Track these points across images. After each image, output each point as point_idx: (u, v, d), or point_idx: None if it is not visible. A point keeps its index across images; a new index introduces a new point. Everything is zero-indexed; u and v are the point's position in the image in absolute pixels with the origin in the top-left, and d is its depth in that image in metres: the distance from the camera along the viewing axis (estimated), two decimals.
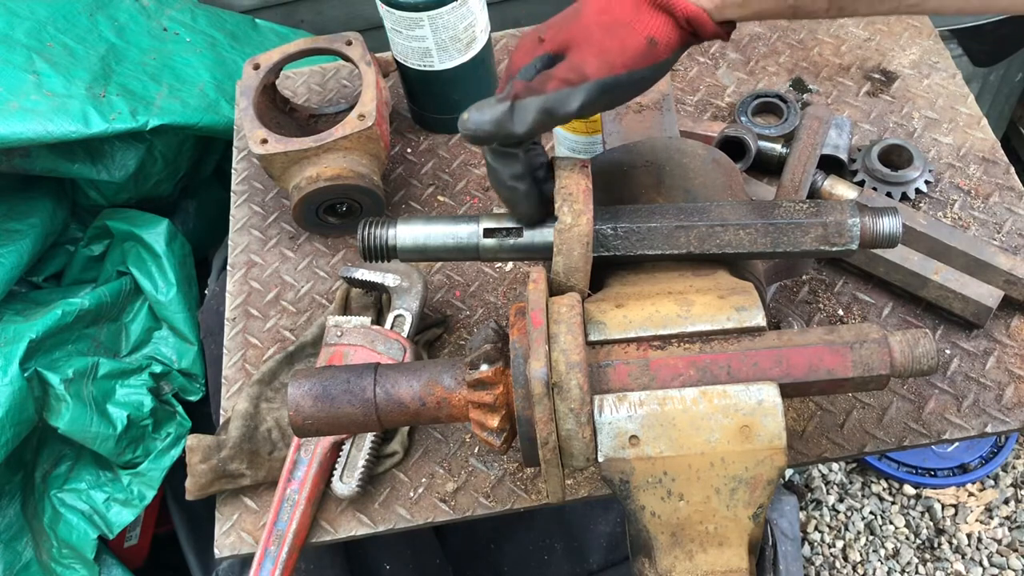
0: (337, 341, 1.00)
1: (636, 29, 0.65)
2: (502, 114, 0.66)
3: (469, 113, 0.67)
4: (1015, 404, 0.95)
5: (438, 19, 1.10)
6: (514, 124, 0.66)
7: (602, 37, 0.65)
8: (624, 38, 0.65)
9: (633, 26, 0.65)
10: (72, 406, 1.36)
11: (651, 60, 0.66)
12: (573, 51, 0.66)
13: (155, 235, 1.52)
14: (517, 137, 0.67)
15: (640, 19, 0.65)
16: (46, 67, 1.42)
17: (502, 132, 0.66)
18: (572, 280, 0.72)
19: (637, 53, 0.65)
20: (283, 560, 0.91)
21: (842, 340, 0.67)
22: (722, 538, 0.65)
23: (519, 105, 0.66)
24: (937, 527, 1.87)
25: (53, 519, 1.42)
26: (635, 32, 0.65)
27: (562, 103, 0.66)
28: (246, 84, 1.15)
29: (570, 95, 0.65)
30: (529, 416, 0.65)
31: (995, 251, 1.00)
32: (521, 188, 0.71)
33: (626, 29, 0.65)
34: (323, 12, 1.96)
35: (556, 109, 0.66)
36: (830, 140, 1.12)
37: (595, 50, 0.65)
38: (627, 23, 0.65)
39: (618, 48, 0.65)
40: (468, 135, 0.67)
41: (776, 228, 0.74)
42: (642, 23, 0.65)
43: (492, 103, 0.66)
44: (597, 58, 0.65)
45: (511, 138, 0.67)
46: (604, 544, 1.36)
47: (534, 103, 0.66)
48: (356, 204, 1.14)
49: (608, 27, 0.65)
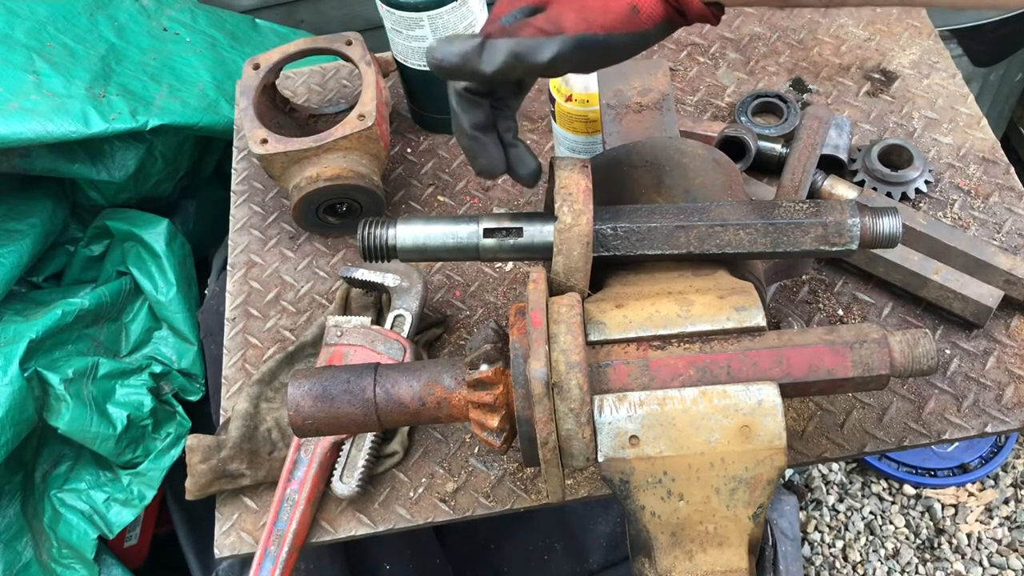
0: (337, 341, 1.00)
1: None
2: (471, 49, 0.65)
3: (438, 43, 0.66)
4: (1015, 404, 0.95)
5: (438, 19, 1.10)
6: (482, 62, 0.65)
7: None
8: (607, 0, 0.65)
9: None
10: (72, 406, 1.36)
11: (632, 27, 0.65)
12: (554, 4, 0.66)
13: (155, 235, 1.52)
14: (483, 76, 0.66)
15: None
16: (46, 67, 1.42)
17: (468, 67, 0.65)
18: (572, 280, 0.72)
19: (618, 17, 0.65)
20: (283, 560, 0.91)
21: (842, 340, 0.67)
22: (722, 538, 0.65)
23: (490, 44, 0.65)
24: (937, 527, 1.87)
25: (53, 519, 1.42)
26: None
27: (534, 50, 0.65)
28: (246, 84, 1.15)
29: (543, 44, 0.65)
30: (529, 416, 0.65)
31: (995, 251, 1.00)
32: (482, 138, 0.71)
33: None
34: (323, 12, 1.96)
35: (527, 55, 0.65)
36: (830, 140, 1.12)
37: (576, 5, 0.65)
38: None
39: (600, 8, 0.65)
40: (433, 65, 0.66)
41: (776, 228, 0.74)
42: None
43: (464, 37, 0.65)
44: (576, 14, 0.65)
45: (476, 76, 0.66)
46: (604, 544, 1.36)
47: (505, 44, 0.65)
48: (356, 204, 1.14)
49: None
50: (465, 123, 0.70)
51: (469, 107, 0.70)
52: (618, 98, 1.01)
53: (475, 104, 0.70)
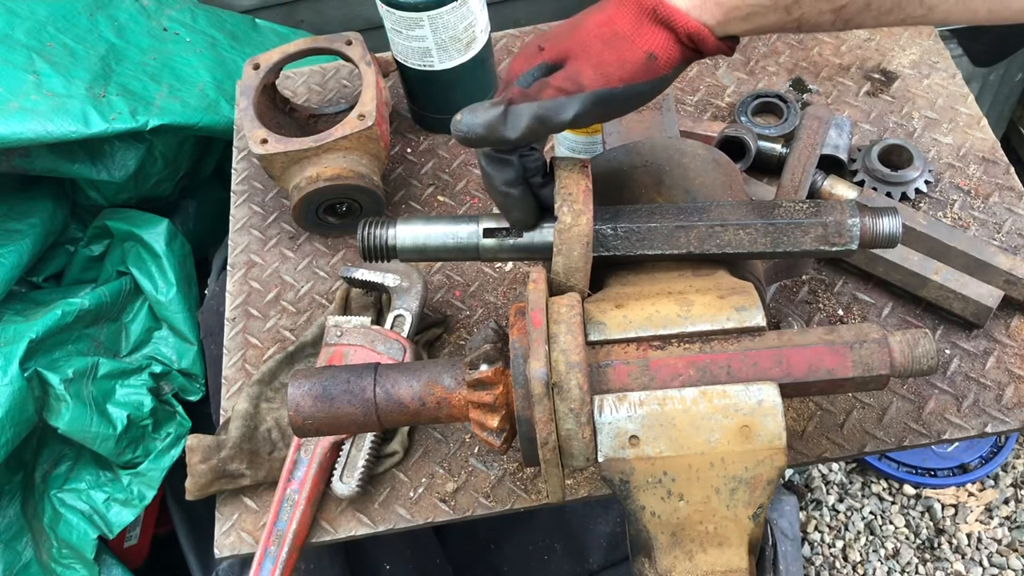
0: (337, 341, 1.00)
1: (636, 43, 0.65)
2: (495, 118, 0.65)
3: (462, 114, 0.66)
4: (1015, 404, 0.95)
5: (438, 19, 1.10)
6: (506, 129, 0.66)
7: (601, 49, 0.65)
8: (623, 51, 0.65)
9: (633, 40, 0.65)
10: (72, 406, 1.36)
11: (650, 75, 0.66)
12: (571, 61, 0.66)
13: (155, 235, 1.52)
14: (509, 143, 0.67)
15: (641, 33, 0.65)
16: (46, 67, 1.42)
17: (493, 136, 0.66)
18: (572, 280, 0.72)
19: (636, 67, 0.65)
20: (283, 560, 0.91)
21: (842, 340, 0.67)
22: (722, 538, 0.65)
23: (513, 111, 0.65)
24: (937, 527, 1.87)
25: (53, 519, 1.42)
26: (635, 46, 0.65)
27: (556, 112, 0.65)
28: (246, 84, 1.15)
29: (565, 104, 0.65)
30: (529, 416, 0.65)
31: (995, 251, 1.00)
32: (514, 193, 0.71)
33: (626, 42, 0.65)
34: (323, 12, 1.96)
35: (550, 117, 0.65)
36: (830, 140, 1.12)
37: (593, 61, 0.65)
38: (627, 36, 0.65)
39: (616, 61, 0.65)
40: (459, 137, 0.67)
41: (776, 228, 0.74)
42: (642, 37, 0.65)
43: (486, 106, 0.66)
44: (594, 69, 0.65)
45: (503, 143, 0.67)
46: (604, 544, 1.36)
47: (528, 109, 0.65)
48: (356, 204, 1.14)
49: (608, 40, 0.65)
50: (497, 182, 0.71)
51: (498, 167, 0.70)
52: None
53: (504, 162, 0.70)
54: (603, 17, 0.66)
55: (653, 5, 0.64)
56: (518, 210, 0.73)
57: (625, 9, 0.65)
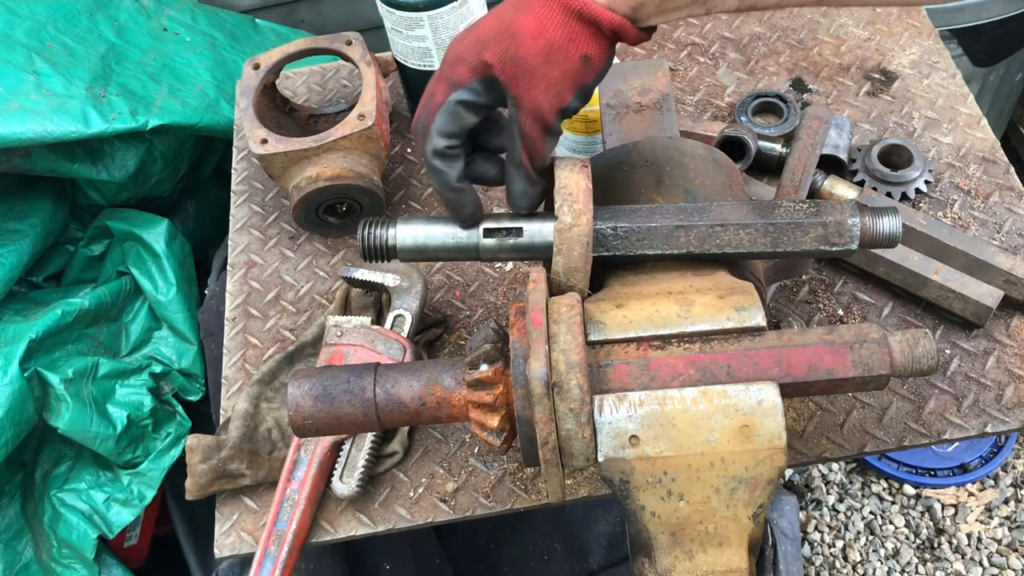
0: (337, 341, 1.00)
1: (571, 50, 0.69)
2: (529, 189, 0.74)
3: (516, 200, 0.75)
4: (1015, 404, 0.95)
5: (438, 19, 1.10)
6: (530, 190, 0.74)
7: (545, 68, 0.69)
8: (563, 63, 0.69)
9: (567, 48, 0.69)
10: (72, 406, 1.36)
11: (590, 75, 0.71)
12: (523, 89, 0.69)
13: (155, 235, 1.52)
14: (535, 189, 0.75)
15: (572, 38, 0.68)
16: (46, 67, 1.42)
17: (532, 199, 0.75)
18: (572, 280, 0.72)
19: (576, 73, 0.70)
20: (283, 560, 0.91)
21: (842, 340, 0.67)
22: (722, 538, 0.65)
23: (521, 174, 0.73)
24: (937, 527, 1.87)
25: (53, 519, 1.42)
26: (571, 54, 0.69)
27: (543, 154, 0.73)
28: (246, 84, 1.15)
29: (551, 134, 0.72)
30: (529, 416, 0.65)
31: (995, 251, 1.00)
32: (466, 188, 0.74)
33: (562, 53, 0.69)
34: (323, 12, 1.96)
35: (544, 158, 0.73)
36: (830, 140, 1.12)
37: (542, 85, 0.69)
38: (562, 45, 0.68)
39: (560, 75, 0.69)
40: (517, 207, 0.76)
41: (776, 228, 0.74)
42: (574, 43, 0.69)
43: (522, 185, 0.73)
44: (546, 93, 0.69)
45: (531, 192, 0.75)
46: (604, 544, 1.36)
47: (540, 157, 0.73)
48: (356, 204, 1.14)
49: (547, 54, 0.68)
50: (451, 178, 0.73)
51: (451, 162, 0.73)
52: (618, 98, 1.01)
53: (457, 158, 0.73)
54: (534, 25, 0.68)
55: (578, 7, 0.68)
56: (471, 204, 0.75)
57: (552, 12, 0.68)
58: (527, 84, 0.69)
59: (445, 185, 0.73)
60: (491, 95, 0.71)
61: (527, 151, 0.72)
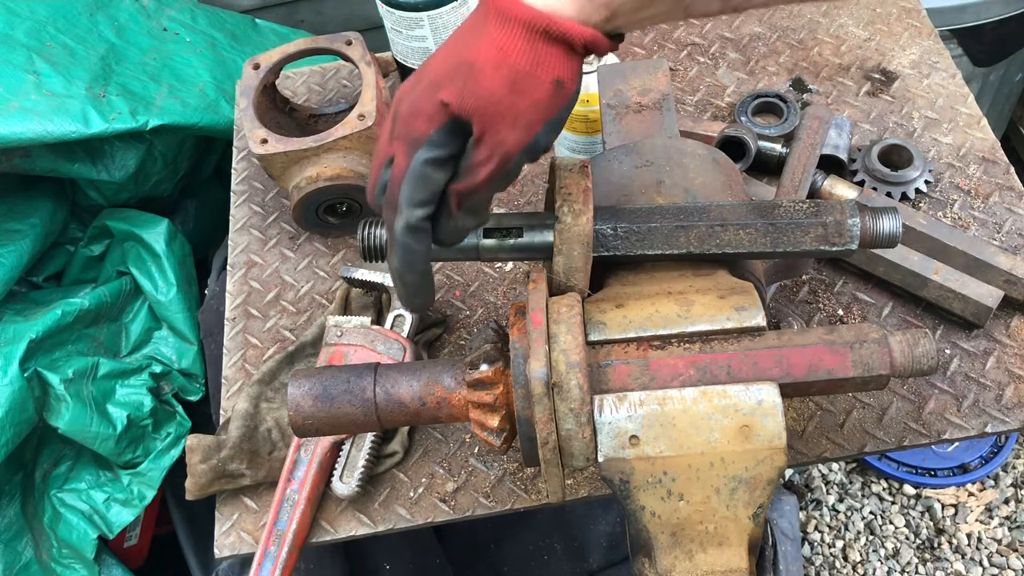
0: (337, 341, 1.00)
1: (540, 76, 0.60)
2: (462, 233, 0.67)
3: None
4: (1015, 404, 0.95)
5: (438, 19, 1.10)
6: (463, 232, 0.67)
7: (512, 99, 0.60)
8: (532, 92, 0.60)
9: (536, 74, 0.60)
10: (72, 406, 1.36)
11: (562, 100, 0.62)
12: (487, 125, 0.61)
13: (155, 235, 1.52)
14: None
15: (540, 62, 0.59)
16: (46, 67, 1.42)
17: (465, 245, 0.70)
18: (572, 280, 0.72)
19: (548, 101, 0.61)
20: (283, 560, 0.91)
21: (842, 340, 0.67)
22: (722, 538, 0.65)
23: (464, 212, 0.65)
24: (937, 527, 1.87)
25: (53, 519, 1.42)
26: (540, 80, 0.60)
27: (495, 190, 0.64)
28: (246, 84, 1.15)
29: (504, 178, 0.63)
30: (529, 416, 0.65)
31: (995, 251, 1.00)
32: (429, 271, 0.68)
33: (530, 80, 0.60)
34: (323, 12, 1.96)
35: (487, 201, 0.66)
36: (830, 140, 1.12)
37: (509, 118, 0.60)
38: (529, 72, 0.59)
39: (530, 105, 0.60)
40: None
41: (776, 228, 0.74)
42: (543, 67, 0.60)
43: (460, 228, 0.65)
44: (513, 127, 0.60)
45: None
46: (604, 544, 1.36)
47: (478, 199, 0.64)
48: (356, 204, 1.14)
49: (512, 83, 0.59)
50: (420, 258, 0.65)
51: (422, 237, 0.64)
52: (618, 98, 1.01)
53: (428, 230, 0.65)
54: (495, 52, 0.59)
55: (544, 25, 0.59)
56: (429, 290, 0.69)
57: (513, 35, 0.59)
58: (491, 119, 0.60)
59: (410, 267, 0.66)
60: (457, 141, 0.62)
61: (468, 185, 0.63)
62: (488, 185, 0.63)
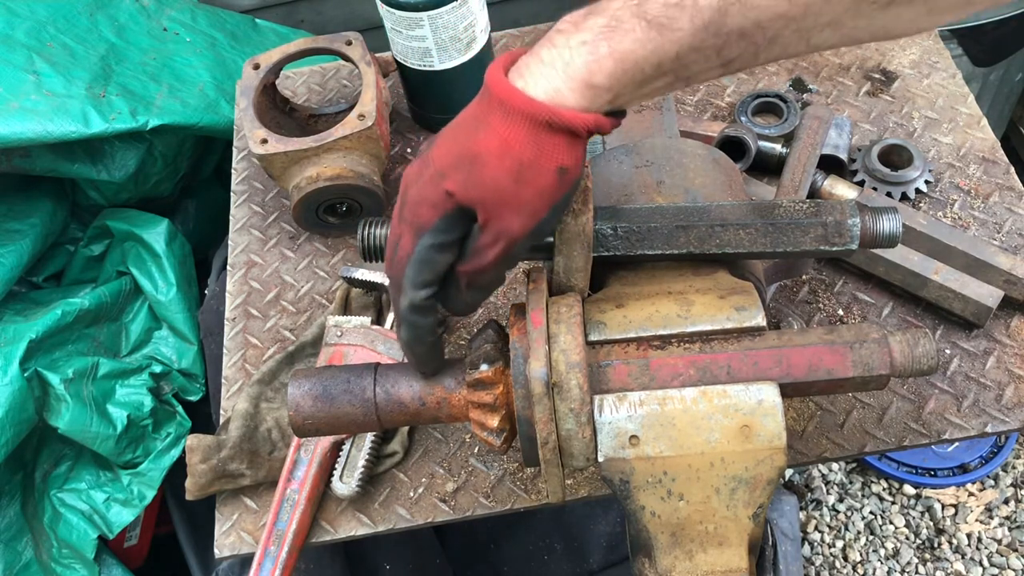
0: (337, 341, 1.00)
1: (544, 165, 0.60)
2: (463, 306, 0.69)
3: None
4: (1015, 404, 0.95)
5: (438, 19, 1.10)
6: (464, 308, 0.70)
7: (516, 189, 0.61)
8: (537, 181, 0.61)
9: (540, 164, 0.60)
10: (72, 406, 1.36)
11: (567, 186, 0.63)
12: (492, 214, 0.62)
13: (155, 235, 1.52)
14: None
15: (544, 152, 0.60)
16: (46, 67, 1.42)
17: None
18: (572, 280, 0.72)
19: (553, 187, 0.62)
20: (283, 560, 0.91)
21: (842, 340, 0.67)
22: (722, 538, 0.65)
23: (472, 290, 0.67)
24: (937, 527, 1.87)
25: (53, 519, 1.42)
26: (544, 169, 0.60)
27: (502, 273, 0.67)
28: (246, 84, 1.15)
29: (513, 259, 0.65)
30: (529, 416, 0.65)
31: (995, 251, 1.00)
32: (438, 340, 0.70)
33: (535, 170, 0.60)
34: (323, 12, 1.96)
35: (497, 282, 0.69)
36: (830, 140, 1.12)
37: (514, 207, 0.61)
38: (533, 163, 0.60)
39: (535, 193, 0.61)
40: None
41: (776, 228, 0.74)
42: (547, 156, 0.60)
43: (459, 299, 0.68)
44: (518, 215, 0.62)
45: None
46: (604, 544, 1.36)
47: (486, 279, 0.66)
48: (356, 204, 1.14)
49: (516, 174, 0.60)
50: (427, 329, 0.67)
51: (427, 314, 0.67)
52: None
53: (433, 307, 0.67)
54: (498, 144, 0.60)
55: (546, 118, 0.59)
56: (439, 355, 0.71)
57: (516, 128, 0.60)
58: (495, 208, 0.61)
59: (418, 339, 0.68)
60: (462, 226, 0.64)
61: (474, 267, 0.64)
62: (495, 267, 0.65)
